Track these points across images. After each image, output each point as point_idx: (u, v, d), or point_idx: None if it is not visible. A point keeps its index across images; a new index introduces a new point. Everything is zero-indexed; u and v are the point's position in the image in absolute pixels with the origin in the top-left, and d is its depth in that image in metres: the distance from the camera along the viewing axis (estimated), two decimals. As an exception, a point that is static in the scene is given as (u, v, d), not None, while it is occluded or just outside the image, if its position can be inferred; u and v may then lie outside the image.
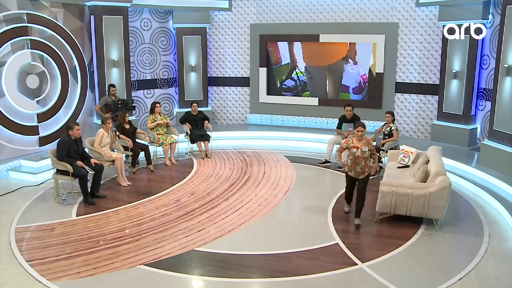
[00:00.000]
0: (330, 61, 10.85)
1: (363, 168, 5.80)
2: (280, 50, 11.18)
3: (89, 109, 9.87)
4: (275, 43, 11.12)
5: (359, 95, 10.73)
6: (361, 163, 5.76)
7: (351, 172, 5.90)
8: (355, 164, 5.80)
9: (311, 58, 10.99)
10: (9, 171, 8.03)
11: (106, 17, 9.55)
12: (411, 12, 9.84)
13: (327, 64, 10.87)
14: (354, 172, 5.87)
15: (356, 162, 5.78)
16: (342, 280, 4.63)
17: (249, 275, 4.76)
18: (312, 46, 10.85)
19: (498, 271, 4.79)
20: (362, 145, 5.74)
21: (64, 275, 4.67)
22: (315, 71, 11.00)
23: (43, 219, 6.15)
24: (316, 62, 10.97)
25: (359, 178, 5.87)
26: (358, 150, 5.73)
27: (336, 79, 10.85)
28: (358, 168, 5.80)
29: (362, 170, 5.82)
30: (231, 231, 5.78)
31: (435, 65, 9.80)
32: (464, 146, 9.17)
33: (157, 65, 11.23)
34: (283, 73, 11.28)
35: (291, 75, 11.21)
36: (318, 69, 10.98)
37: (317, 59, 10.93)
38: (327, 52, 10.81)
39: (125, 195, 7.21)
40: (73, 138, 6.77)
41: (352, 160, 5.82)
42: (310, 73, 11.04)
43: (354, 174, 5.89)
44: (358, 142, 5.78)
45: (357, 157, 5.74)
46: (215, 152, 9.60)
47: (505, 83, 7.56)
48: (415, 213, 5.81)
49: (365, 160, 5.77)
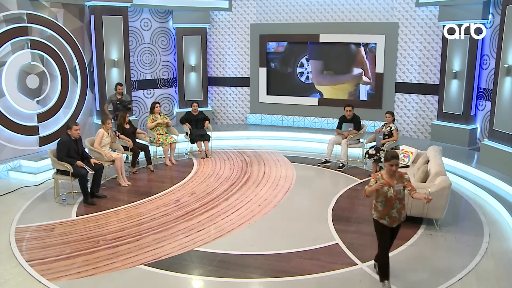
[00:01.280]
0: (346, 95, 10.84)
1: (400, 211, 4.40)
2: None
3: (89, 109, 9.87)
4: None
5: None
6: (396, 205, 4.36)
7: (384, 219, 4.39)
8: (389, 208, 4.36)
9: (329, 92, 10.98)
10: (9, 171, 8.03)
11: (106, 17, 9.55)
12: (411, 12, 9.84)
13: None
14: (389, 218, 4.37)
15: (389, 205, 4.36)
16: (342, 280, 4.63)
17: (249, 275, 4.76)
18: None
19: (498, 271, 4.79)
20: (396, 182, 4.36)
21: (64, 275, 4.67)
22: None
23: (43, 219, 6.15)
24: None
25: (394, 226, 4.43)
26: (390, 190, 4.32)
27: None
28: (394, 213, 4.36)
29: (399, 215, 4.39)
30: (231, 231, 5.78)
31: (435, 65, 9.80)
32: (464, 146, 9.17)
33: (157, 65, 11.23)
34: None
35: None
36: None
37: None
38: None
39: (125, 195, 7.21)
40: (72, 138, 6.77)
41: (383, 203, 4.37)
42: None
43: (389, 222, 4.38)
44: (390, 178, 4.36)
45: (390, 199, 4.33)
46: (215, 152, 9.60)
47: (505, 83, 7.56)
48: (415, 213, 5.80)
49: (400, 201, 4.39)
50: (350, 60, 10.65)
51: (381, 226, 4.41)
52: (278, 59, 11.22)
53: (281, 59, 11.20)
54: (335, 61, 10.81)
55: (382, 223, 4.39)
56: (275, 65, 11.24)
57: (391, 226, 4.39)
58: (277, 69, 11.25)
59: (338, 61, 10.79)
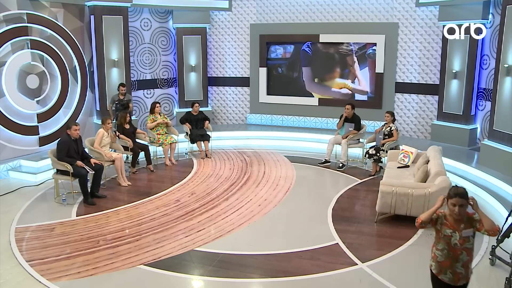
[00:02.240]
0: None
1: (467, 264, 3.26)
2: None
3: (89, 109, 9.87)
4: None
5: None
6: (462, 257, 3.22)
7: (444, 274, 3.28)
8: (451, 260, 3.23)
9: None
10: (9, 171, 8.03)
11: (106, 17, 9.55)
12: (411, 12, 9.84)
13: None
14: (452, 274, 3.26)
15: (453, 256, 3.23)
16: (342, 280, 4.63)
17: (249, 275, 4.76)
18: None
19: (498, 271, 4.78)
20: (463, 226, 3.22)
21: (64, 275, 4.67)
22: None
23: (43, 219, 6.15)
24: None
25: (459, 284, 3.29)
26: (456, 235, 3.21)
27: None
28: (459, 267, 3.23)
29: (465, 270, 3.27)
30: (231, 231, 5.78)
31: (435, 65, 9.80)
32: (464, 146, 9.17)
33: (157, 65, 11.23)
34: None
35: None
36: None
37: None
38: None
39: (125, 195, 7.21)
40: (72, 138, 6.77)
41: (445, 253, 3.26)
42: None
43: (452, 279, 3.27)
44: (456, 222, 3.24)
45: (454, 247, 3.21)
46: (215, 152, 9.60)
47: (505, 83, 7.56)
48: (415, 213, 5.79)
49: (468, 252, 3.23)
50: (339, 67, 10.72)
51: (439, 283, 3.31)
52: (285, 65, 11.26)
53: (287, 65, 11.25)
54: (324, 69, 10.88)
55: (442, 279, 3.27)
56: (282, 70, 11.30)
57: (454, 284, 3.26)
58: (284, 73, 11.30)
59: (326, 70, 10.85)
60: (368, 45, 10.36)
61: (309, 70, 11.01)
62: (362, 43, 10.38)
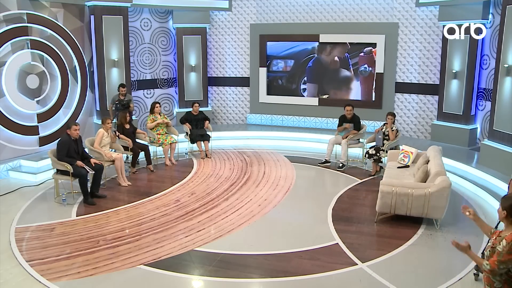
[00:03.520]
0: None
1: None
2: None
3: (89, 109, 9.87)
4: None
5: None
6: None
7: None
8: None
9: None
10: (9, 171, 8.03)
11: (106, 17, 9.55)
12: (411, 12, 9.84)
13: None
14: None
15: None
16: (342, 280, 4.63)
17: (249, 275, 4.76)
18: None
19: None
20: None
21: (64, 275, 4.67)
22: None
23: (43, 219, 6.15)
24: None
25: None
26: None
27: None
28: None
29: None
30: (231, 231, 5.78)
31: (435, 65, 9.80)
32: (464, 146, 9.17)
33: (157, 65, 11.23)
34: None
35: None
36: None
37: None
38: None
39: (125, 195, 7.21)
40: (72, 138, 6.77)
41: (502, 278, 3.00)
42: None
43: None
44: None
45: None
46: (215, 152, 9.60)
47: (505, 83, 7.55)
48: (415, 213, 5.80)
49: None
50: (343, 86, 10.80)
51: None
52: (285, 77, 11.29)
53: (287, 77, 11.28)
54: (328, 87, 10.94)
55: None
56: (282, 82, 11.35)
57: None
58: (284, 85, 11.33)
59: (331, 88, 10.92)
60: (361, 62, 10.45)
61: (313, 86, 11.06)
62: (356, 60, 10.46)
